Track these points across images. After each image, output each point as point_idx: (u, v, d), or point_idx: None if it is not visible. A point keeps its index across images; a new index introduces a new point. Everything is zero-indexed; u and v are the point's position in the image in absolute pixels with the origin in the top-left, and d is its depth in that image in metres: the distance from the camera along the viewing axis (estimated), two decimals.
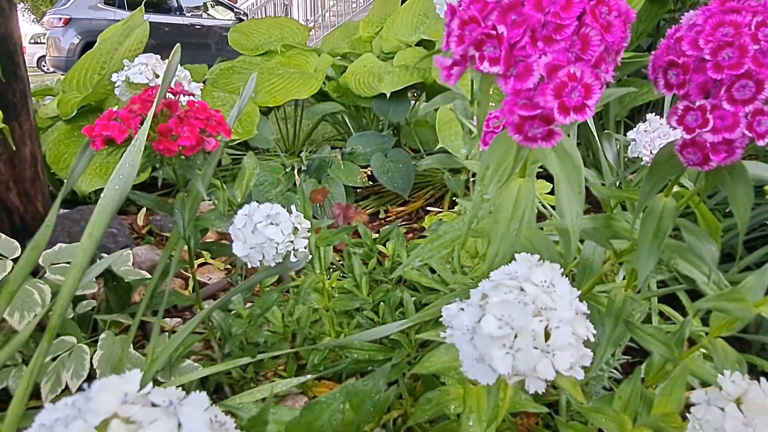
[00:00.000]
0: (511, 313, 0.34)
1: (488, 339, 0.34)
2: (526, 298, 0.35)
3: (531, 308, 0.34)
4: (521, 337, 0.34)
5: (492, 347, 0.34)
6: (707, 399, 0.44)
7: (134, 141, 0.61)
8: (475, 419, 0.53)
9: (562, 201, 0.41)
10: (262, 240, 0.56)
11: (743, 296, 0.54)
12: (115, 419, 0.25)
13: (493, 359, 0.34)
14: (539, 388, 0.35)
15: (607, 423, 0.60)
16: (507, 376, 0.35)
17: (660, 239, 0.54)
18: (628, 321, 0.63)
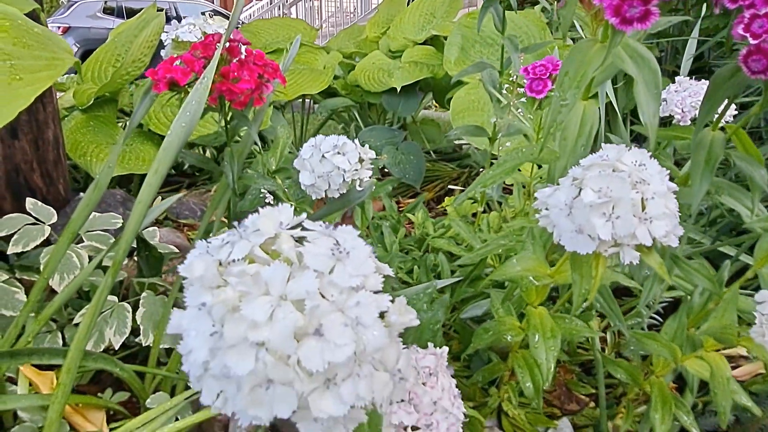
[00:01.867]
0: (609, 184, 0.36)
1: (588, 209, 0.36)
2: (622, 173, 0.37)
3: (628, 180, 0.37)
4: (620, 206, 0.36)
5: (592, 216, 0.36)
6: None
7: (201, 79, 0.63)
8: (540, 336, 0.55)
9: (640, 101, 0.44)
10: (329, 168, 0.58)
11: None
12: (284, 233, 0.27)
13: (595, 226, 0.36)
14: (634, 259, 0.37)
15: (659, 349, 0.62)
16: (606, 244, 0.37)
17: (711, 166, 0.56)
18: (675, 256, 0.65)
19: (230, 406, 0.25)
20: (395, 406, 0.39)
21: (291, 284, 0.25)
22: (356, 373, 0.25)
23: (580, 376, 0.92)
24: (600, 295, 0.66)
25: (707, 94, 0.52)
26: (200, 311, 0.25)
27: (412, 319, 0.27)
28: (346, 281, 0.25)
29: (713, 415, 0.78)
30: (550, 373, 0.53)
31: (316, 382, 0.24)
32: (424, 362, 0.41)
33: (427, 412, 0.39)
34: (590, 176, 0.37)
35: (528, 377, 0.66)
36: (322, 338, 0.24)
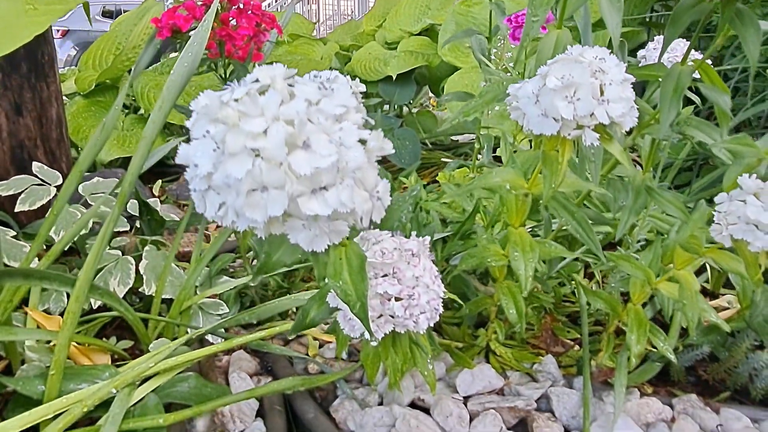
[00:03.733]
0: (571, 72, 0.41)
1: (552, 93, 0.40)
2: (583, 63, 0.41)
3: (588, 68, 0.41)
4: (581, 90, 0.40)
5: (556, 99, 0.40)
6: (729, 196, 0.51)
7: (202, 22, 0.67)
8: (519, 250, 0.59)
9: (604, 12, 0.48)
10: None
11: (752, 142, 0.61)
12: (279, 78, 0.31)
13: (558, 108, 0.40)
14: (594, 140, 0.41)
15: (634, 270, 0.66)
16: (569, 126, 0.41)
17: (679, 94, 0.61)
18: (649, 187, 0.69)
19: (230, 215, 0.29)
20: (381, 279, 0.43)
21: (283, 108, 0.29)
22: (339, 183, 0.28)
23: (567, 325, 0.96)
24: (578, 224, 0.70)
25: (671, 21, 0.57)
26: (205, 137, 0.29)
27: (389, 148, 0.31)
28: (331, 109, 0.29)
29: (690, 350, 0.82)
30: (528, 281, 0.57)
31: (304, 186, 0.28)
32: (408, 245, 0.45)
33: (410, 285, 0.43)
34: (554, 67, 0.41)
35: (512, 304, 0.70)
36: (310, 149, 0.28)
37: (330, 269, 0.43)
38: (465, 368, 0.78)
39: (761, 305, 0.70)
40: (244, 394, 0.74)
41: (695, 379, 0.86)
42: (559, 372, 0.81)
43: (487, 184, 0.54)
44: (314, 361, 0.89)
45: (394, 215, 0.53)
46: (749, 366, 0.78)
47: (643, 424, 0.70)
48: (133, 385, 0.72)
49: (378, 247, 0.44)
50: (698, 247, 0.57)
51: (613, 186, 0.71)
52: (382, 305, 0.42)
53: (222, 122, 0.29)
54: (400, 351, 0.48)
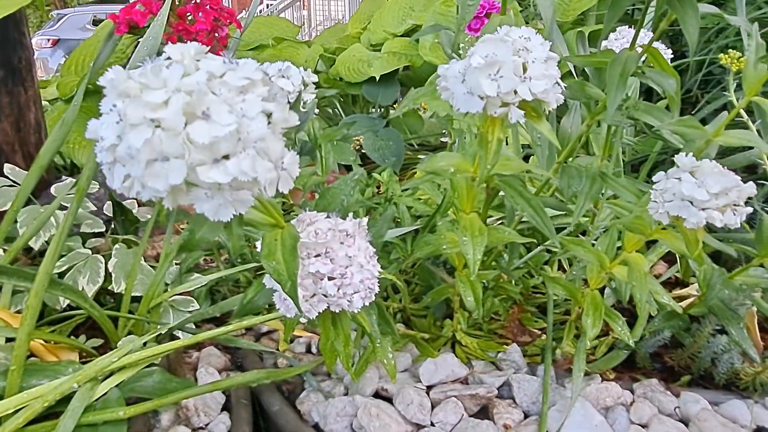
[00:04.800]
0: (495, 50, 0.41)
1: (476, 71, 0.41)
2: (507, 41, 0.42)
3: (511, 47, 0.42)
4: (504, 68, 0.41)
5: (480, 77, 0.41)
6: (666, 174, 0.51)
7: (156, 17, 0.68)
8: (469, 235, 0.59)
9: None
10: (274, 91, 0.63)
11: (698, 124, 0.62)
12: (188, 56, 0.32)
13: (481, 85, 0.41)
14: (519, 117, 0.42)
15: (586, 254, 0.66)
16: (494, 104, 0.42)
17: (625, 78, 0.62)
18: (603, 173, 0.70)
19: (135, 186, 0.29)
20: (313, 258, 0.43)
21: (185, 79, 0.29)
22: (241, 152, 0.29)
23: (536, 315, 0.96)
24: (533, 210, 0.71)
25: (611, 4, 0.57)
26: (111, 111, 0.30)
27: (294, 120, 0.31)
28: (235, 82, 0.30)
29: (654, 336, 0.82)
30: (477, 265, 0.58)
31: (204, 155, 0.28)
32: (342, 226, 0.45)
33: (343, 265, 0.43)
34: (480, 46, 0.42)
35: (469, 291, 0.70)
36: (210, 119, 0.28)
37: (265, 250, 0.43)
38: (429, 358, 0.78)
39: (716, 288, 0.71)
40: (206, 387, 0.74)
41: (661, 365, 0.87)
42: (524, 360, 0.81)
43: (432, 168, 0.54)
44: (283, 356, 0.90)
45: (336, 198, 0.53)
46: (710, 351, 0.78)
47: (602, 408, 0.70)
48: (95, 380, 0.72)
49: (312, 228, 0.44)
50: (644, 228, 0.58)
51: (567, 173, 0.72)
52: (314, 284, 0.43)
53: (126, 95, 0.29)
54: (341, 333, 0.48)
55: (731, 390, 0.78)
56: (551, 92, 0.41)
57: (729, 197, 0.48)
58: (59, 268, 0.96)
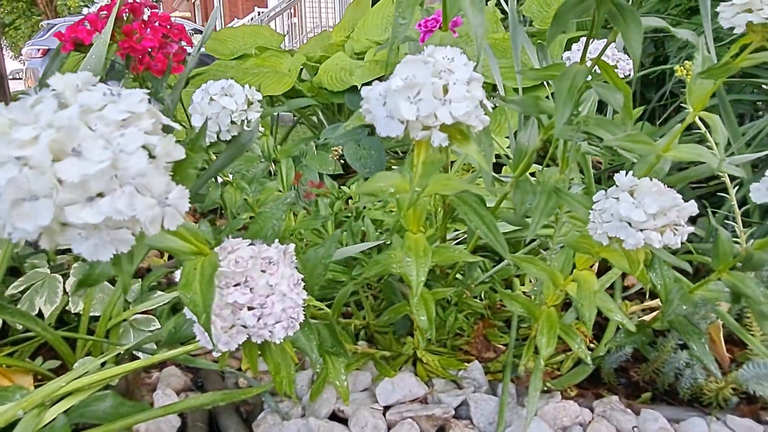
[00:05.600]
0: (415, 72, 0.40)
1: (396, 94, 0.40)
2: (428, 63, 0.41)
3: (432, 69, 0.40)
4: (424, 90, 0.40)
5: (399, 99, 0.40)
6: (605, 193, 0.50)
7: (100, 36, 0.66)
8: (413, 256, 0.58)
9: (468, 13, 0.48)
10: (217, 110, 0.61)
11: (648, 139, 0.61)
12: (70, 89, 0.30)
13: (400, 108, 0.39)
14: (442, 141, 0.41)
15: (538, 273, 0.65)
16: (415, 128, 0.40)
17: (572, 93, 0.61)
18: (558, 189, 0.69)
19: (7, 226, 0.28)
20: (232, 288, 0.42)
21: (58, 114, 0.28)
22: (116, 190, 0.28)
23: (502, 330, 0.95)
24: (486, 227, 0.70)
25: (556, 16, 0.56)
26: None
27: (178, 154, 0.30)
28: (114, 115, 0.29)
29: (617, 351, 0.81)
30: (420, 287, 0.56)
31: (74, 194, 0.27)
32: (266, 253, 0.44)
33: (263, 294, 0.42)
34: (400, 67, 0.41)
35: (423, 310, 0.69)
36: (81, 156, 0.27)
37: (182, 280, 0.42)
38: (386, 377, 0.77)
39: (675, 303, 0.70)
40: (159, 410, 0.72)
41: (626, 380, 0.86)
42: (485, 378, 0.80)
43: (370, 189, 0.53)
44: (244, 376, 0.88)
45: (267, 223, 0.52)
46: (673, 366, 0.77)
47: (558, 428, 0.69)
48: (42, 406, 0.70)
49: (233, 256, 0.43)
50: (590, 247, 0.56)
51: (521, 188, 0.70)
52: (233, 315, 0.41)
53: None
54: (271, 361, 0.47)
55: (694, 406, 0.77)
56: (473, 114, 0.40)
57: (668, 217, 0.47)
58: (17, 288, 0.94)
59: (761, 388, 0.69)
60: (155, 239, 0.43)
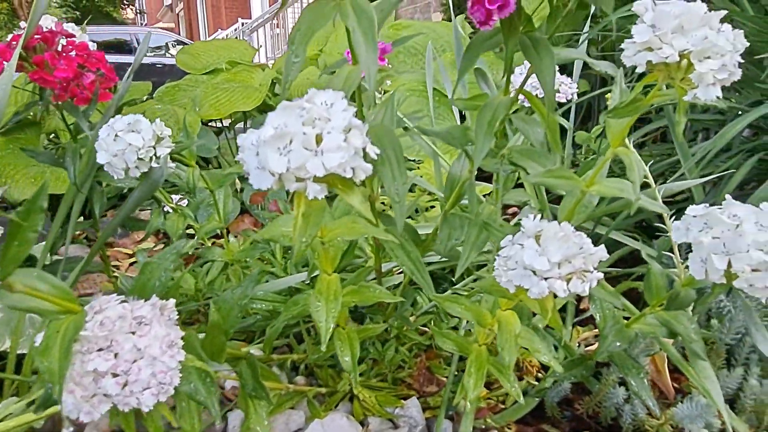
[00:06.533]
0: (287, 121, 0.38)
1: (266, 144, 0.37)
2: (301, 111, 0.38)
3: (304, 117, 0.38)
4: (294, 141, 0.37)
5: (268, 150, 0.37)
6: (511, 239, 0.48)
7: (6, 66, 0.63)
8: (323, 300, 0.55)
9: (360, 50, 0.45)
10: (123, 146, 0.58)
11: (571, 174, 0.58)
12: None
13: (269, 160, 0.37)
14: (317, 193, 0.38)
15: (463, 312, 0.62)
16: (289, 180, 0.38)
17: (493, 126, 0.58)
18: (487, 223, 0.67)
19: None
20: (94, 354, 0.39)
21: None
22: None
23: (448, 360, 0.92)
24: (412, 264, 0.67)
25: (467, 50, 0.54)
26: None
27: None
28: None
29: (561, 384, 0.79)
30: (328, 334, 0.54)
31: None
32: (139, 311, 0.41)
33: (128, 359, 0.39)
34: (272, 115, 0.38)
35: (347, 350, 0.66)
36: None
37: (42, 344, 0.39)
38: (316, 419, 0.74)
39: (609, 339, 0.67)
40: None
41: (570, 413, 0.83)
42: (422, 416, 0.77)
43: (270, 235, 0.50)
44: None
45: (154, 274, 0.49)
46: (613, 401, 0.75)
47: None
48: None
49: (100, 317, 0.40)
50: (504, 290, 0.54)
51: (449, 223, 0.68)
52: (95, 383, 0.38)
53: None
54: (152, 424, 0.44)
55: None
56: (350, 164, 0.37)
57: (573, 265, 0.45)
58: None
59: (696, 428, 0.66)
60: (17, 300, 0.39)
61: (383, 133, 0.58)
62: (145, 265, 0.50)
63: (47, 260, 1.03)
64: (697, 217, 0.52)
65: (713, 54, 0.41)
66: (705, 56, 0.41)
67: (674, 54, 0.41)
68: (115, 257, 1.65)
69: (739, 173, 1.04)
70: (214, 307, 0.60)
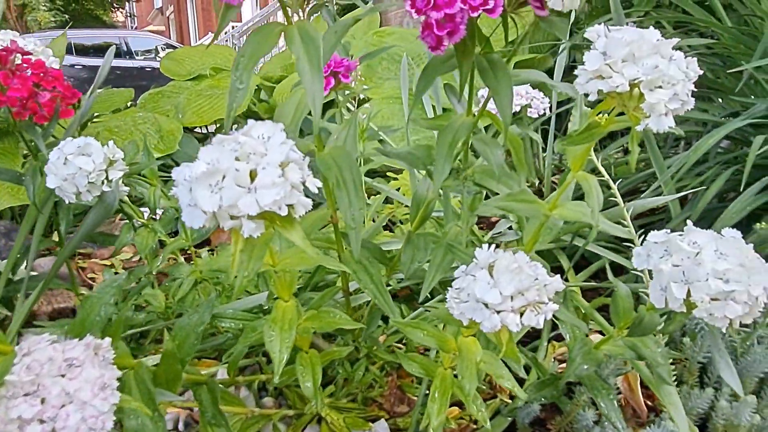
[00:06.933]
0: (219, 156, 0.36)
1: (198, 181, 0.36)
2: (236, 144, 0.37)
3: (238, 152, 0.36)
4: (227, 177, 0.36)
5: (199, 188, 0.35)
6: (465, 270, 0.47)
7: None
8: (277, 329, 0.54)
9: (305, 78, 0.44)
10: (73, 170, 0.57)
11: (533, 198, 0.57)
12: None
13: (199, 198, 0.35)
14: (253, 231, 0.37)
15: (425, 338, 0.61)
16: (223, 218, 0.36)
17: (453, 148, 0.57)
18: (451, 245, 0.65)
19: None
20: (20, 399, 0.37)
21: None
22: None
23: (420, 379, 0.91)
24: (375, 287, 0.66)
25: (422, 73, 0.53)
26: None
27: None
28: None
29: (531, 405, 0.78)
30: (282, 365, 0.52)
31: None
32: (71, 353, 0.39)
33: (56, 405, 0.37)
34: (203, 150, 0.37)
35: (309, 375, 0.64)
36: None
37: None
38: None
39: (577, 361, 0.66)
40: None
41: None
42: None
43: (217, 266, 0.49)
44: None
45: (93, 310, 0.47)
46: (583, 423, 0.74)
47: None
48: None
49: (28, 360, 0.38)
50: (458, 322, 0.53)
51: (413, 244, 0.67)
52: (20, 430, 0.37)
53: None
54: None
55: None
56: (286, 201, 0.36)
57: (526, 298, 0.44)
58: None
59: None
60: None
61: (341, 156, 0.57)
62: (85, 300, 0.48)
63: (14, 275, 1.00)
64: (658, 243, 0.51)
65: (664, 83, 0.40)
66: (656, 86, 0.39)
67: (624, 83, 0.40)
68: (91, 269, 1.63)
69: (714, 186, 1.03)
70: (169, 336, 0.59)
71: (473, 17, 0.43)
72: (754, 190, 0.94)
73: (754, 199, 0.94)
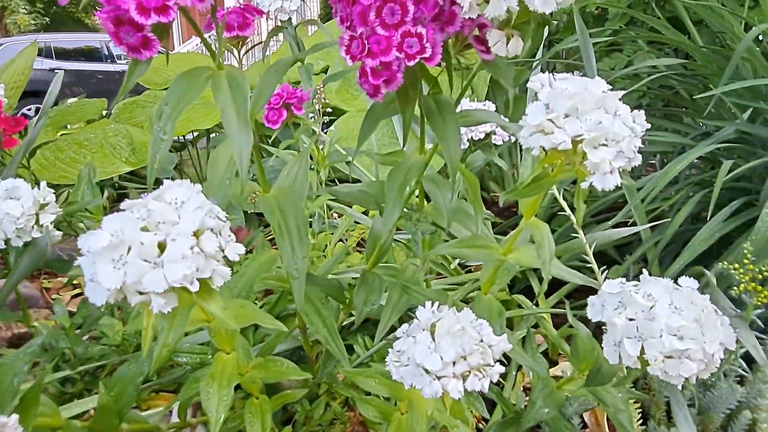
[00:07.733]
0: (123, 227, 0.33)
1: (98, 256, 0.33)
2: (143, 212, 0.34)
3: (146, 221, 0.33)
4: (132, 250, 0.33)
5: (101, 262, 0.32)
6: (406, 330, 0.44)
7: None
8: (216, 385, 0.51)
9: (230, 129, 0.41)
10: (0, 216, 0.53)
11: (486, 242, 0.55)
12: None
13: (100, 274, 0.32)
14: (162, 308, 0.34)
15: (377, 387, 0.58)
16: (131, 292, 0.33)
17: (403, 189, 0.55)
18: (406, 285, 0.63)
19: None
20: None
21: None
22: None
23: None
24: (327, 331, 0.63)
25: (366, 117, 0.51)
26: None
27: None
28: None
29: None
30: (218, 425, 0.49)
31: None
32: None
33: None
34: (107, 219, 0.34)
35: (258, 424, 0.61)
36: None
37: None
38: None
39: (538, 404, 0.64)
40: None
41: None
42: None
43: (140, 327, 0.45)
44: None
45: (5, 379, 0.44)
46: None
47: None
48: None
49: None
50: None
51: (367, 284, 0.64)
52: None
53: None
54: None
55: None
56: (199, 275, 0.33)
57: (469, 363, 0.41)
58: None
59: None
60: None
61: (286, 200, 0.54)
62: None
63: None
64: (613, 294, 0.49)
65: (609, 140, 0.37)
66: (599, 143, 0.37)
67: (567, 141, 0.37)
68: (56, 290, 1.58)
69: (685, 208, 1.02)
70: (104, 389, 0.56)
71: (411, 66, 0.41)
72: (721, 216, 0.92)
73: (722, 225, 0.93)
